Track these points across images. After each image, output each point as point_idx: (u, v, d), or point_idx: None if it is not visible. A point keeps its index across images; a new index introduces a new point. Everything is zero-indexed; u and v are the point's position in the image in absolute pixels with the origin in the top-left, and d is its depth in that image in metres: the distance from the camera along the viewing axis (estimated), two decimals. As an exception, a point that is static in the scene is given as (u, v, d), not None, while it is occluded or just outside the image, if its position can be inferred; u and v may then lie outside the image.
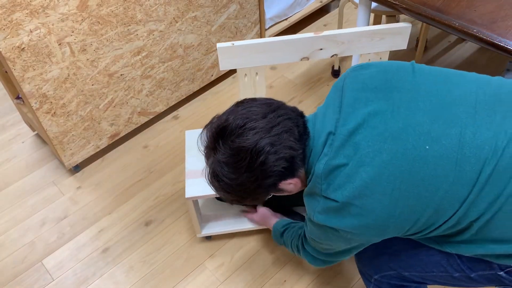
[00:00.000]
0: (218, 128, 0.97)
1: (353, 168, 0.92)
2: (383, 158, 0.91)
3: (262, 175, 0.95)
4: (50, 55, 1.56)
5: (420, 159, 0.90)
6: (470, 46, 2.41)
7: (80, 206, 1.84)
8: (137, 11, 1.71)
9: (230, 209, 1.68)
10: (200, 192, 1.46)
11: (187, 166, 1.53)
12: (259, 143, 0.93)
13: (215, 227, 1.63)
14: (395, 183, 0.90)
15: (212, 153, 0.98)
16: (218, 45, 1.39)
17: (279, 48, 1.43)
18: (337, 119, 0.97)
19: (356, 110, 0.96)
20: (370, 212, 0.92)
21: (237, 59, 1.44)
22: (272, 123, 0.95)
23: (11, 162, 2.03)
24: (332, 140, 0.95)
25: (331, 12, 2.72)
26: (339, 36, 1.42)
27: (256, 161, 0.93)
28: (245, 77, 1.49)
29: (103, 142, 1.95)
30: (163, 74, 1.97)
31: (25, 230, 1.77)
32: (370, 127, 0.93)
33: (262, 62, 1.46)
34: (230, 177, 0.96)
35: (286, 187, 1.02)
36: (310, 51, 1.45)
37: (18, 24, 1.43)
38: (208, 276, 1.60)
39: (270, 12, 2.34)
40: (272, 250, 1.65)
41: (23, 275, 1.64)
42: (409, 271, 1.12)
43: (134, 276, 1.62)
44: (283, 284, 1.56)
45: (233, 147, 0.94)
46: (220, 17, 2.04)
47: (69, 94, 1.70)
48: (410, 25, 1.42)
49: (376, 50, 1.48)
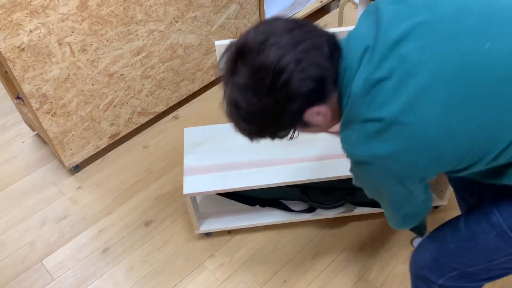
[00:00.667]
0: (236, 47, 0.85)
1: (400, 79, 0.78)
2: (436, 63, 0.77)
3: (286, 97, 0.82)
4: (50, 55, 1.56)
5: (480, 59, 0.77)
6: (470, 46, 2.41)
7: (80, 206, 1.84)
8: (137, 11, 1.70)
9: (229, 206, 1.68)
10: (198, 188, 1.46)
11: (186, 163, 1.54)
12: (282, 60, 0.80)
13: (213, 223, 1.64)
14: (451, 91, 0.76)
15: (230, 77, 0.86)
16: (217, 42, 1.40)
17: None
18: (376, 35, 0.83)
19: (398, 23, 0.82)
20: (422, 128, 0.77)
21: None
22: (298, 38, 0.82)
23: (11, 162, 2.03)
24: (371, 54, 0.82)
25: (331, 12, 2.72)
26: (339, 34, 1.42)
27: (279, 80, 0.80)
28: None
29: (103, 142, 1.95)
30: (163, 74, 1.97)
31: (25, 230, 1.77)
32: (417, 36, 0.79)
33: None
34: (250, 101, 0.84)
35: (314, 118, 0.88)
36: None
37: (18, 24, 1.43)
38: (208, 276, 1.60)
39: (270, 12, 2.34)
40: (272, 250, 1.65)
41: (23, 275, 1.64)
42: (473, 266, 1.02)
43: (134, 276, 1.62)
44: (283, 284, 1.56)
45: (253, 65, 0.82)
46: (220, 17, 2.04)
47: (69, 94, 1.70)
48: None
49: None
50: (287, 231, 1.69)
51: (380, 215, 1.71)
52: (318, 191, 1.60)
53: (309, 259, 1.62)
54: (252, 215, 1.66)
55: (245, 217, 1.65)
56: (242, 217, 1.65)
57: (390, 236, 1.66)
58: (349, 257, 1.61)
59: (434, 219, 1.69)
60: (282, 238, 1.68)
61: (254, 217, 1.65)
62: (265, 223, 1.65)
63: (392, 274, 1.56)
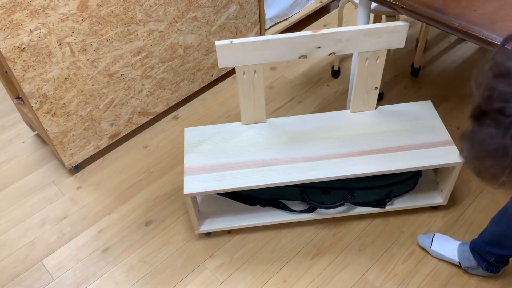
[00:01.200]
0: None
1: None
2: None
3: None
4: (50, 55, 1.56)
5: None
6: (470, 46, 2.41)
7: (80, 206, 1.84)
8: (137, 12, 1.71)
9: (229, 206, 1.69)
10: (198, 188, 1.46)
11: (186, 163, 1.54)
12: None
13: (213, 223, 1.64)
14: None
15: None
16: (217, 42, 1.41)
17: (277, 46, 1.43)
18: None
19: None
20: None
21: (236, 56, 1.44)
22: None
23: (11, 162, 2.03)
24: None
25: (331, 12, 2.72)
26: (337, 34, 1.43)
27: None
28: (243, 75, 1.50)
29: (103, 142, 1.95)
30: (163, 74, 1.97)
31: (25, 230, 1.78)
32: None
33: (261, 60, 1.46)
34: None
35: None
36: (308, 49, 1.45)
37: (18, 24, 1.43)
38: (208, 276, 1.60)
39: (270, 12, 2.34)
40: (272, 249, 1.65)
41: (23, 275, 1.64)
42: None
43: (134, 276, 1.62)
44: (283, 284, 1.56)
45: None
46: (220, 18, 2.04)
47: (69, 94, 1.70)
48: (407, 24, 1.43)
49: (373, 48, 1.48)
50: (287, 231, 1.70)
51: (380, 215, 1.71)
52: (318, 191, 1.60)
53: (309, 259, 1.62)
54: (252, 215, 1.66)
55: (245, 217, 1.65)
56: (242, 217, 1.65)
57: (390, 236, 1.66)
58: (349, 257, 1.61)
59: (433, 218, 1.69)
60: (282, 238, 1.68)
61: (254, 217, 1.66)
62: (265, 223, 1.65)
63: (392, 274, 1.56)
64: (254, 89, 1.54)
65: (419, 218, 1.70)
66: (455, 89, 2.18)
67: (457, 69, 2.29)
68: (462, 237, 1.63)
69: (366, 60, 1.51)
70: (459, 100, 2.13)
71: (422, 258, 1.59)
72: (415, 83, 2.23)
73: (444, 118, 2.04)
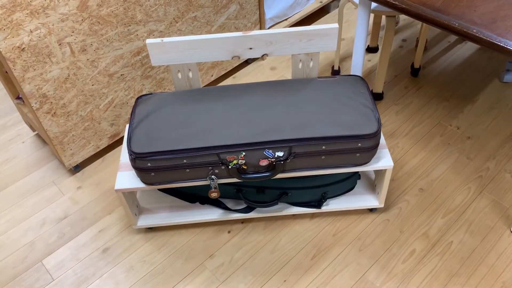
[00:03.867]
0: None
1: None
2: None
3: None
4: (50, 55, 1.56)
5: None
6: (470, 46, 2.41)
7: (80, 206, 1.84)
8: (137, 12, 1.71)
9: (168, 202, 1.72)
10: (130, 184, 1.49)
11: (122, 159, 1.57)
12: None
13: (152, 219, 1.68)
14: None
15: None
16: (147, 41, 1.45)
17: (209, 46, 1.46)
18: None
19: None
20: None
21: (168, 55, 1.47)
22: None
23: (11, 162, 2.03)
24: None
25: (331, 13, 2.72)
26: (267, 36, 1.45)
27: None
28: (178, 73, 1.53)
29: (103, 142, 1.95)
30: (163, 74, 1.98)
31: (25, 230, 1.78)
32: None
33: (193, 59, 1.49)
34: None
35: None
36: (240, 50, 1.48)
37: (19, 24, 1.43)
38: (208, 276, 1.60)
39: (270, 13, 2.34)
40: (272, 250, 1.65)
41: (23, 275, 1.64)
42: None
43: (134, 276, 1.62)
44: (283, 284, 1.56)
45: None
46: (220, 18, 2.04)
47: (69, 94, 1.70)
48: (337, 26, 1.43)
49: (305, 51, 1.50)
50: (287, 231, 1.70)
51: (380, 215, 1.71)
52: (253, 190, 1.62)
53: (309, 259, 1.62)
54: (193, 212, 1.70)
55: (184, 214, 1.69)
56: (183, 212, 1.69)
57: (390, 236, 1.66)
58: (349, 257, 1.61)
59: (433, 217, 1.69)
60: (282, 238, 1.68)
61: (194, 213, 1.69)
62: (202, 220, 1.67)
63: (392, 274, 1.56)
64: (190, 86, 1.58)
65: (419, 218, 1.70)
66: (455, 89, 2.18)
67: (457, 69, 2.29)
68: (462, 237, 1.63)
69: (299, 62, 1.53)
70: (459, 100, 2.13)
71: (422, 258, 1.59)
72: (415, 83, 2.23)
73: (444, 118, 2.04)
